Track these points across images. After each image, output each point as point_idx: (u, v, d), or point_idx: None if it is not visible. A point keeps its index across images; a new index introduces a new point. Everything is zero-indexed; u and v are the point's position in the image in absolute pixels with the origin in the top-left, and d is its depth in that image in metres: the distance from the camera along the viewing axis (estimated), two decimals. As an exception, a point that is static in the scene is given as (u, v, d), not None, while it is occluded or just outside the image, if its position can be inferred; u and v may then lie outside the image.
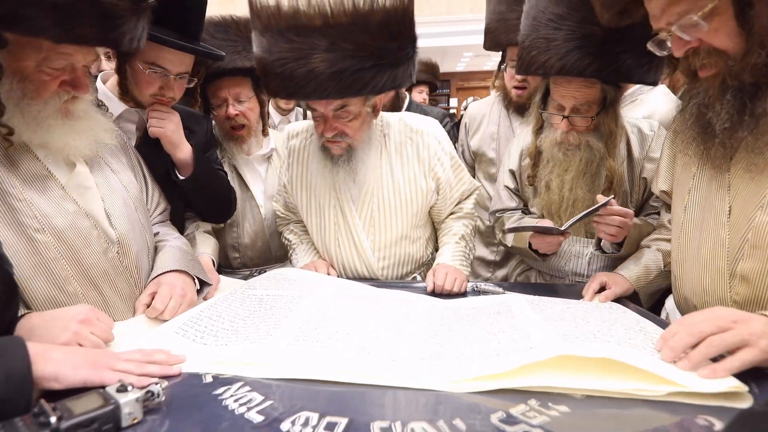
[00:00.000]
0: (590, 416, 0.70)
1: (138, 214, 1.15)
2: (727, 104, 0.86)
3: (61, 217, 0.94)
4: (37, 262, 0.91)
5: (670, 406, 0.71)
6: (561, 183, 1.40)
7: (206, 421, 0.68)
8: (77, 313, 0.85)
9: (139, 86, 1.27)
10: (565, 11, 1.22)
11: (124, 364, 0.76)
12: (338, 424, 0.67)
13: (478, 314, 1.09)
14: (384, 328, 1.01)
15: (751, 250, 0.90)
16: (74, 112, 0.96)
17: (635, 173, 1.41)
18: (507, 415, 0.69)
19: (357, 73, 1.17)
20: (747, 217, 0.90)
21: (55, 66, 0.88)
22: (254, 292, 1.21)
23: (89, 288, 0.99)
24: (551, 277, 1.60)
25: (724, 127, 0.88)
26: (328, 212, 1.47)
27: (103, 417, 0.61)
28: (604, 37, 1.19)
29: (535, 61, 1.28)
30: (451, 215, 1.59)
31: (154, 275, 1.13)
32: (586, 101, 1.31)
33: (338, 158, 1.36)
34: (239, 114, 1.62)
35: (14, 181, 0.89)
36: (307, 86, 1.17)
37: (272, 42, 1.18)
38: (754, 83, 0.84)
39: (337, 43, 1.14)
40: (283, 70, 1.17)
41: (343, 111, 1.29)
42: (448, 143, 1.51)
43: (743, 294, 0.92)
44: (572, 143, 1.36)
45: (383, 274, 1.52)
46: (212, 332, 0.96)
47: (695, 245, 1.02)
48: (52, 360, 0.69)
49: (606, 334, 0.86)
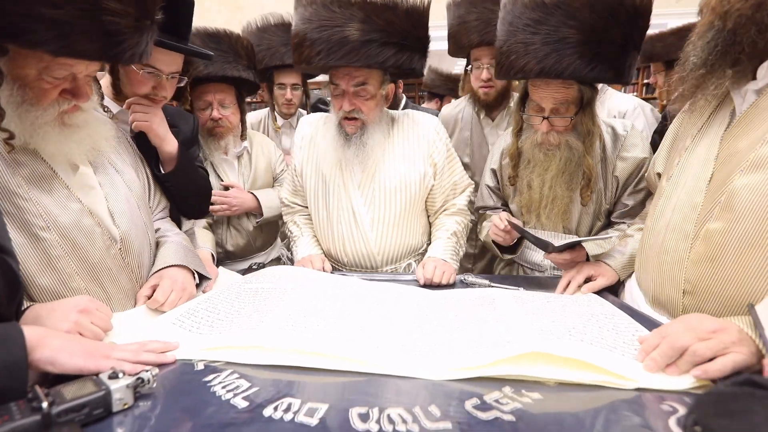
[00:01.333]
0: (561, 403, 0.72)
1: (140, 212, 1.18)
2: (705, 42, 0.93)
3: (66, 215, 0.97)
4: (43, 259, 0.94)
5: (636, 392, 0.74)
6: (542, 182, 1.45)
7: (193, 406, 0.71)
8: (77, 303, 0.89)
9: (133, 86, 1.31)
10: (542, 16, 1.26)
11: (119, 353, 0.80)
12: (318, 409, 0.70)
13: (463, 305, 1.12)
14: (371, 317, 1.04)
15: (720, 212, 0.92)
16: (70, 122, 0.97)
17: (608, 171, 1.45)
18: (481, 402, 0.72)
19: (384, 46, 1.35)
20: (724, 181, 0.93)
21: (56, 75, 0.89)
22: (250, 285, 1.25)
23: (92, 284, 1.02)
24: (532, 270, 1.65)
25: (694, 63, 0.94)
26: (332, 188, 1.56)
27: (94, 402, 0.64)
28: (580, 39, 1.23)
29: (514, 65, 1.32)
30: (444, 211, 1.64)
31: (155, 269, 1.17)
32: (564, 101, 1.35)
33: (351, 135, 1.49)
34: (222, 118, 1.76)
35: (20, 181, 0.92)
36: (340, 50, 1.34)
37: (314, 12, 1.36)
38: (732, 30, 0.88)
39: (371, 16, 1.32)
40: (321, 35, 1.35)
41: (362, 89, 1.43)
42: (446, 137, 1.61)
43: (700, 253, 0.95)
44: (552, 143, 1.40)
45: (379, 252, 1.57)
46: (208, 323, 1.00)
47: (669, 209, 1.05)
48: (49, 346, 0.72)
49: (580, 332, 0.88)
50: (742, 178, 0.90)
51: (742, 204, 0.88)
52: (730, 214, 0.90)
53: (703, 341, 0.76)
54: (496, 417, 0.68)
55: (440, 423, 0.67)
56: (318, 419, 0.68)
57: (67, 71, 0.90)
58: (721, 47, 0.90)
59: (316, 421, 0.67)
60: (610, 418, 0.68)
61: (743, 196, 0.88)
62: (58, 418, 0.60)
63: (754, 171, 0.88)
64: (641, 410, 0.69)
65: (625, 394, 0.74)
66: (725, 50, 0.90)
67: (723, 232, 0.91)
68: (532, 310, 1.02)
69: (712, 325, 0.79)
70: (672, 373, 0.77)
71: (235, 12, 5.38)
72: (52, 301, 0.92)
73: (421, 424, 0.67)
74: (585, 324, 0.91)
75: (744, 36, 0.87)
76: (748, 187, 0.88)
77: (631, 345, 0.86)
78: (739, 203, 0.89)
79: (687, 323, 0.82)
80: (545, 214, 1.45)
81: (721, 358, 0.74)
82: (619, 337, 0.88)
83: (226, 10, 6.06)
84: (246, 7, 5.73)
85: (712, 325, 0.79)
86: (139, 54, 0.94)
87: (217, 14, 1.47)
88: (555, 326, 0.90)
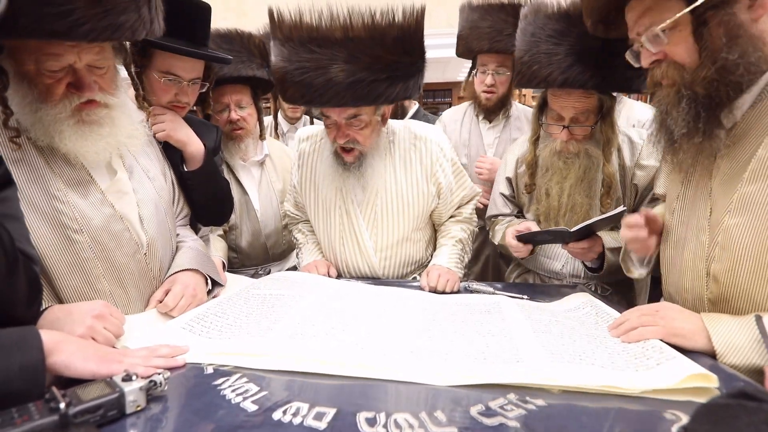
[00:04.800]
0: (565, 410, 0.73)
1: (167, 218, 1.20)
2: (683, 112, 0.92)
3: (98, 219, 1.00)
4: (73, 260, 0.97)
5: (641, 401, 0.74)
6: (560, 190, 1.45)
7: (204, 409, 0.73)
8: (93, 308, 0.91)
9: (156, 95, 1.34)
10: (566, 27, 1.28)
11: (131, 359, 0.82)
12: (326, 414, 0.72)
13: (470, 311, 1.13)
14: (378, 323, 1.05)
15: (720, 251, 0.93)
16: (92, 119, 0.97)
17: (627, 180, 1.46)
18: (486, 408, 0.73)
19: (372, 84, 1.24)
20: (718, 220, 0.94)
21: (49, 68, 0.88)
22: (258, 291, 1.27)
23: (116, 286, 1.04)
24: (549, 279, 1.63)
25: (682, 133, 0.94)
26: (334, 213, 1.53)
27: (109, 404, 0.66)
28: (603, 50, 1.24)
29: (537, 75, 1.33)
30: (450, 218, 1.63)
31: (170, 273, 1.19)
32: (585, 111, 1.36)
33: (350, 165, 1.43)
34: (240, 119, 1.74)
35: (59, 185, 0.95)
36: (325, 94, 1.24)
37: (293, 52, 1.24)
38: (706, 95, 0.89)
39: (355, 54, 1.21)
40: (303, 78, 1.24)
41: (356, 120, 1.35)
42: (450, 150, 1.55)
43: (715, 293, 0.95)
44: (572, 152, 1.41)
45: (384, 274, 1.56)
46: (217, 327, 1.02)
47: (680, 248, 1.05)
48: (65, 351, 0.74)
49: (591, 356, 0.88)
50: (732, 218, 0.91)
51: (737, 245, 0.90)
52: (730, 254, 0.91)
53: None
54: (500, 423, 0.69)
55: (446, 428, 0.68)
56: (326, 423, 0.69)
57: (58, 62, 0.89)
58: (705, 112, 0.90)
59: (325, 425, 0.69)
60: (614, 426, 0.69)
61: (736, 237, 0.90)
62: (74, 418, 0.62)
63: (740, 212, 0.90)
64: (645, 418, 0.70)
65: (629, 401, 0.75)
66: (709, 113, 0.90)
67: (728, 273, 0.92)
68: (541, 327, 1.02)
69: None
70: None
71: (241, 17, 5.43)
72: (70, 304, 0.95)
73: (427, 429, 0.68)
74: (594, 350, 0.91)
75: (722, 95, 0.88)
76: (738, 228, 0.90)
77: (642, 358, 0.86)
78: (734, 244, 0.90)
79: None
80: (564, 222, 1.45)
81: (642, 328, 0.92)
82: (630, 357, 0.88)
83: (232, 17, 6.14)
84: (251, 13, 5.80)
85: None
86: (141, 30, 0.91)
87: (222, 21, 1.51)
88: (566, 349, 0.91)
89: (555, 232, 1.32)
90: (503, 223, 1.64)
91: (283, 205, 1.88)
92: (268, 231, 1.88)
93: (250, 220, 1.85)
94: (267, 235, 1.87)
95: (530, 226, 1.44)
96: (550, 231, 1.33)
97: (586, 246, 1.35)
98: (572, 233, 1.29)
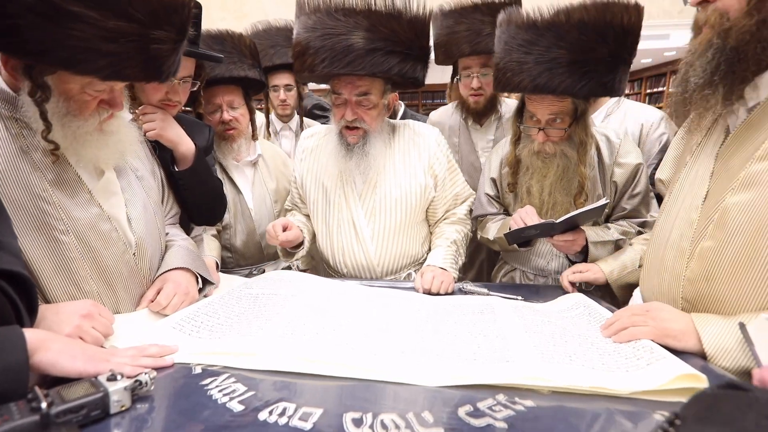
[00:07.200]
0: (553, 411, 0.72)
1: (156, 218, 1.20)
2: (705, 61, 0.90)
3: (85, 219, 1.00)
4: (59, 262, 0.96)
5: (631, 402, 0.74)
6: (541, 188, 1.50)
7: (190, 409, 0.72)
8: (81, 307, 0.90)
9: (147, 93, 1.34)
10: (534, 37, 1.32)
11: (119, 358, 0.81)
12: (312, 414, 0.71)
13: (463, 312, 1.12)
14: (370, 324, 1.04)
15: (714, 230, 0.92)
16: (108, 129, 1.02)
17: (606, 177, 1.50)
18: (474, 409, 0.72)
19: (388, 55, 1.37)
20: (717, 199, 0.93)
21: (98, 89, 0.94)
22: (251, 291, 1.26)
23: (104, 287, 1.04)
24: (535, 276, 1.66)
25: (696, 83, 0.92)
26: (334, 199, 1.57)
27: (92, 404, 0.66)
28: (571, 59, 1.30)
29: (510, 82, 1.39)
30: (444, 220, 1.65)
31: (161, 272, 1.19)
32: (559, 113, 1.40)
33: (353, 145, 1.49)
34: (232, 119, 1.75)
35: (45, 185, 0.95)
36: (345, 58, 1.35)
37: (318, 21, 1.37)
38: (734, 47, 0.86)
39: (375, 26, 1.35)
40: (326, 43, 1.36)
41: (365, 98, 1.44)
42: (446, 148, 1.63)
43: (696, 271, 0.95)
44: (549, 152, 1.46)
45: (379, 264, 1.58)
46: (208, 327, 1.01)
47: (669, 226, 1.05)
48: (51, 349, 0.74)
49: (581, 357, 0.88)
50: (733, 196, 0.90)
51: (734, 223, 0.88)
52: (723, 233, 0.90)
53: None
54: (488, 424, 0.68)
55: (432, 429, 0.67)
56: (312, 424, 0.69)
57: (107, 86, 0.95)
58: (725, 66, 0.88)
59: (310, 425, 0.68)
60: (604, 427, 0.68)
61: (734, 215, 0.89)
62: (56, 418, 0.62)
63: (744, 189, 0.88)
64: (634, 419, 0.69)
65: (619, 402, 0.74)
66: (730, 68, 0.88)
67: (716, 251, 0.91)
68: (533, 328, 1.02)
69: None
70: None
71: (241, 19, 5.46)
72: (57, 303, 0.94)
73: (414, 429, 0.67)
74: (586, 351, 0.90)
75: (749, 53, 0.86)
76: (738, 206, 0.88)
77: (633, 359, 0.86)
78: (730, 222, 0.89)
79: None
80: (547, 219, 1.46)
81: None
82: (621, 357, 0.88)
83: (230, 18, 6.15)
84: (250, 15, 5.82)
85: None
86: (174, 71, 0.99)
87: (221, 21, 1.51)
88: (557, 350, 0.90)
89: (541, 225, 1.35)
90: (496, 220, 1.66)
91: (276, 204, 1.90)
92: (262, 230, 1.88)
93: (244, 220, 1.85)
94: (261, 234, 1.88)
95: (529, 211, 1.45)
96: (536, 225, 1.35)
97: (570, 239, 1.39)
98: (558, 224, 1.32)
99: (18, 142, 0.93)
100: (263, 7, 6.02)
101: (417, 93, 8.18)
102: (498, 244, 1.61)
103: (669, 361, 0.82)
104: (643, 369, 0.81)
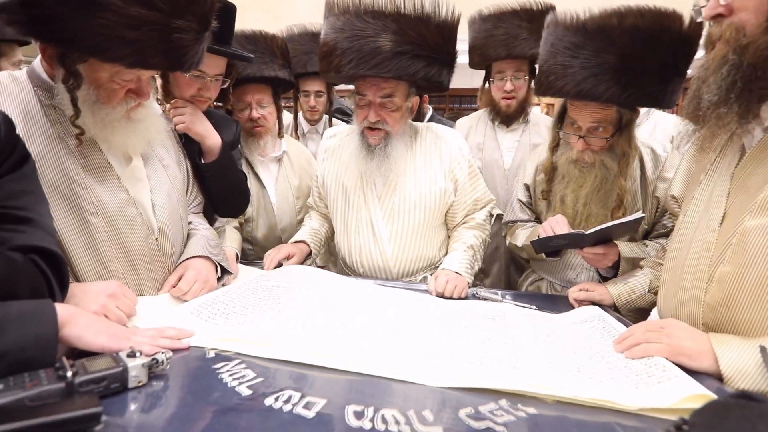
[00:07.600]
0: (555, 420, 0.72)
1: (179, 206, 1.25)
2: (720, 77, 0.87)
3: (113, 203, 1.06)
4: (88, 241, 1.03)
5: (637, 417, 0.73)
6: (575, 198, 1.45)
7: (201, 390, 0.76)
8: (107, 287, 0.96)
9: (180, 89, 1.41)
10: (582, 40, 1.27)
11: (138, 337, 0.86)
12: (316, 404, 0.73)
13: (474, 317, 1.13)
14: (380, 322, 1.06)
15: (732, 254, 0.90)
16: (135, 117, 1.07)
17: (648, 192, 1.44)
18: (475, 411, 0.73)
19: (415, 59, 1.37)
20: (736, 222, 0.90)
21: (126, 78, 1.00)
22: (267, 282, 1.30)
23: (128, 268, 1.10)
24: (562, 287, 1.61)
25: (710, 101, 0.89)
26: (353, 199, 1.59)
27: (112, 377, 0.70)
28: (619, 66, 1.23)
29: (553, 86, 1.34)
30: (463, 224, 1.65)
31: (182, 259, 1.24)
32: (602, 122, 1.35)
33: (375, 147, 1.50)
34: (260, 117, 1.81)
35: (79, 170, 1.02)
36: (372, 60, 1.36)
37: (347, 22, 1.38)
38: (751, 64, 0.83)
39: (404, 28, 1.35)
40: (353, 44, 1.37)
41: (389, 101, 1.45)
42: (468, 152, 1.62)
43: (715, 296, 0.92)
44: (587, 162, 1.41)
45: (395, 266, 1.59)
46: (223, 314, 1.05)
47: (685, 248, 1.02)
48: (78, 324, 0.79)
49: (590, 369, 0.87)
50: (752, 220, 0.87)
51: (754, 247, 0.86)
52: (742, 258, 0.88)
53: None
54: (487, 427, 0.69)
55: (431, 427, 0.68)
56: (315, 413, 0.71)
57: (135, 75, 1.00)
58: (741, 83, 0.85)
59: (313, 414, 0.71)
60: (605, 440, 0.68)
61: (754, 239, 0.86)
62: (80, 387, 0.66)
63: (763, 213, 0.85)
64: (636, 433, 0.69)
65: (625, 417, 0.73)
66: (747, 86, 0.85)
67: (736, 276, 0.88)
68: (544, 337, 1.01)
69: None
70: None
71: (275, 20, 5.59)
72: (86, 282, 1.00)
73: (413, 426, 0.69)
74: (596, 365, 0.89)
75: (767, 71, 0.83)
76: (758, 230, 0.85)
77: (644, 375, 0.85)
78: (750, 246, 0.86)
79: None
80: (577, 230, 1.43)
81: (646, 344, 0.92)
82: (631, 372, 0.87)
83: (265, 19, 6.30)
84: (284, 17, 5.95)
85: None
86: (196, 62, 1.03)
87: (254, 23, 1.56)
88: (565, 360, 0.89)
89: (570, 235, 1.31)
90: (526, 227, 1.63)
91: (298, 200, 1.94)
92: (284, 225, 1.93)
93: (266, 213, 1.91)
94: (282, 228, 1.93)
95: (560, 220, 1.41)
96: (565, 235, 1.31)
97: (601, 252, 1.33)
98: (588, 236, 1.28)
99: (56, 128, 1.00)
100: (294, 9, 6.14)
101: (444, 96, 8.13)
102: (526, 251, 1.58)
103: (681, 380, 0.80)
104: (654, 387, 0.80)
